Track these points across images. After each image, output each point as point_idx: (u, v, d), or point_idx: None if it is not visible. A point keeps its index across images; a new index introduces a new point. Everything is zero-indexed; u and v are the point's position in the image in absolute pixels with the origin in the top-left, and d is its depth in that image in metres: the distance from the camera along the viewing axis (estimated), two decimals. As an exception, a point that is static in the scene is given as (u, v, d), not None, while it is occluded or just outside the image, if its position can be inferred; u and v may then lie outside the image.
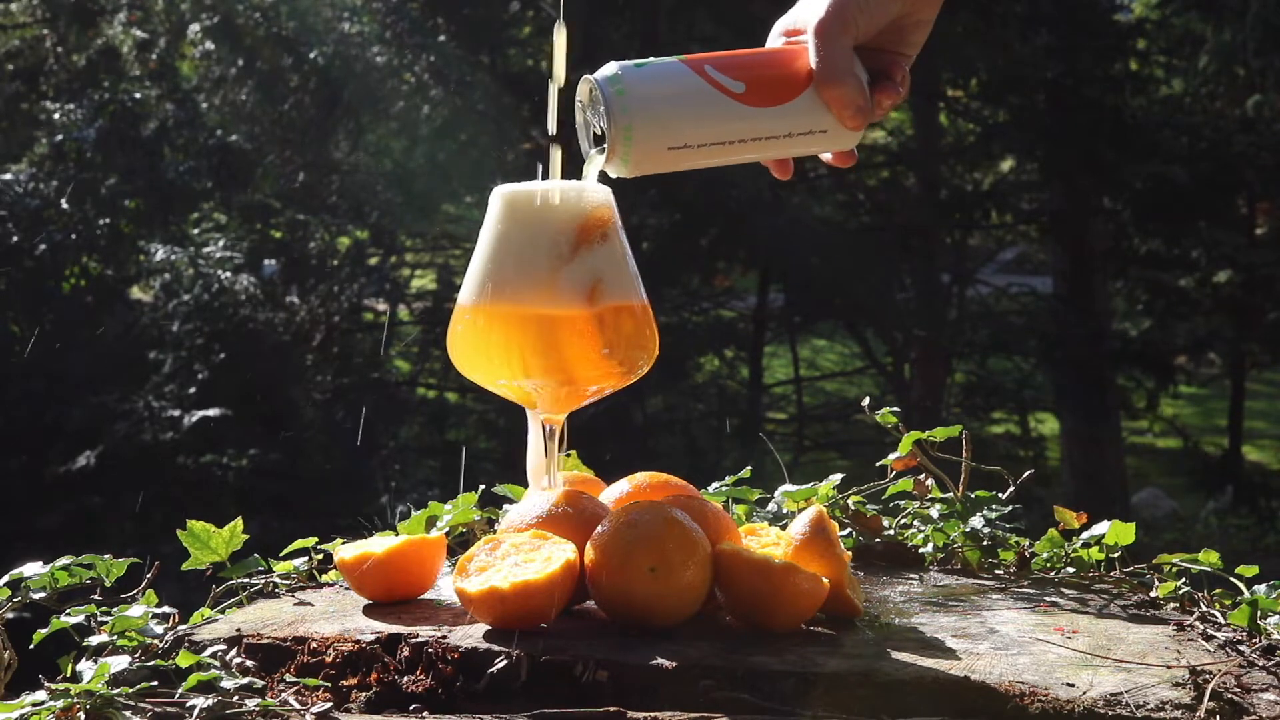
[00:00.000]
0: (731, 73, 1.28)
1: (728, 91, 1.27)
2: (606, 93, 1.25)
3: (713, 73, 1.28)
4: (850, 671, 1.11)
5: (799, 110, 1.29)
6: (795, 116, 1.29)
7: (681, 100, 1.27)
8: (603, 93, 1.25)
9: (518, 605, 1.18)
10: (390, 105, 9.54)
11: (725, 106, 1.27)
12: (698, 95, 1.27)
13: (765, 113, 1.29)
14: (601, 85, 1.26)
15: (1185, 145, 10.03)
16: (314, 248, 9.48)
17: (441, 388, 10.56)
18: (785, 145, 1.31)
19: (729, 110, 1.27)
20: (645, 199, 9.44)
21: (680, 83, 1.27)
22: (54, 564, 1.34)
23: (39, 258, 8.56)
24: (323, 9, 9.66)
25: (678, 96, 1.27)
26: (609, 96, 1.25)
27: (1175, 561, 1.48)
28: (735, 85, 1.27)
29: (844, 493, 1.63)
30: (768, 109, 1.28)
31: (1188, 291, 11.92)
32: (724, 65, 1.29)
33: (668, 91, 1.27)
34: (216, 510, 1.80)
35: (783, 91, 1.29)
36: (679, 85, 1.27)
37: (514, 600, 1.18)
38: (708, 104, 1.27)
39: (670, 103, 1.26)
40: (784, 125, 1.29)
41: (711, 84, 1.27)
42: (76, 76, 9.86)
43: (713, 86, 1.27)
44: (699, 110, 1.27)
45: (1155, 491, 12.59)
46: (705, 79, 1.27)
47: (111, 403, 8.18)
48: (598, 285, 1.33)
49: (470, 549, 1.26)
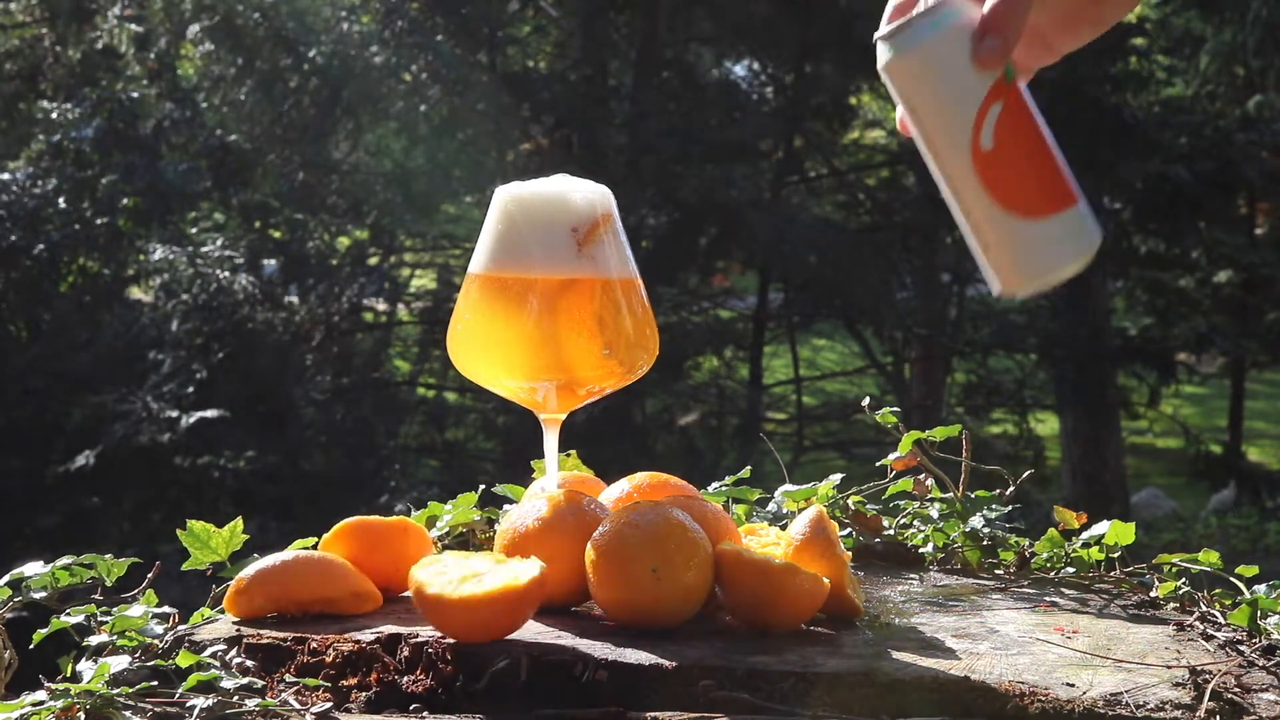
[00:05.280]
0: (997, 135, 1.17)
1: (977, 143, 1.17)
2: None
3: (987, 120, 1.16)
4: (850, 671, 1.11)
5: (1000, 221, 1.17)
6: (994, 221, 1.17)
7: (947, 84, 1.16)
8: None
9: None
10: (390, 105, 9.54)
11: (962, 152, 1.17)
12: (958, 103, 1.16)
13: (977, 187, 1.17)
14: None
15: (1185, 145, 10.04)
16: (313, 247, 9.48)
17: (441, 387, 10.56)
18: (955, 207, 1.19)
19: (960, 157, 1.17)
20: (643, 198, 9.45)
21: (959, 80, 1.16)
22: (54, 564, 1.34)
23: (37, 257, 8.56)
24: (322, 9, 9.66)
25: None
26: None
27: (1175, 561, 1.48)
28: (985, 142, 1.17)
29: (844, 493, 1.63)
30: (985, 192, 1.17)
31: (1188, 291, 11.93)
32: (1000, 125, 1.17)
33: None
34: (216, 510, 1.81)
35: (1014, 193, 1.17)
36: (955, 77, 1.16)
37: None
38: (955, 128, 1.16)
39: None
40: (978, 210, 1.18)
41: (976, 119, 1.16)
42: (74, 75, 9.86)
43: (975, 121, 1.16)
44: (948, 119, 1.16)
45: (1155, 491, 12.60)
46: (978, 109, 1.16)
47: (111, 403, 8.18)
48: (598, 285, 1.33)
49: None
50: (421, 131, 9.69)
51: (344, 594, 1.29)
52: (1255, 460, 13.54)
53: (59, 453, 8.13)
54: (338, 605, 1.28)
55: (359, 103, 9.52)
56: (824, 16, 9.85)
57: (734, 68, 11.94)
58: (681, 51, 11.01)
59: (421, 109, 9.49)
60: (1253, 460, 13.44)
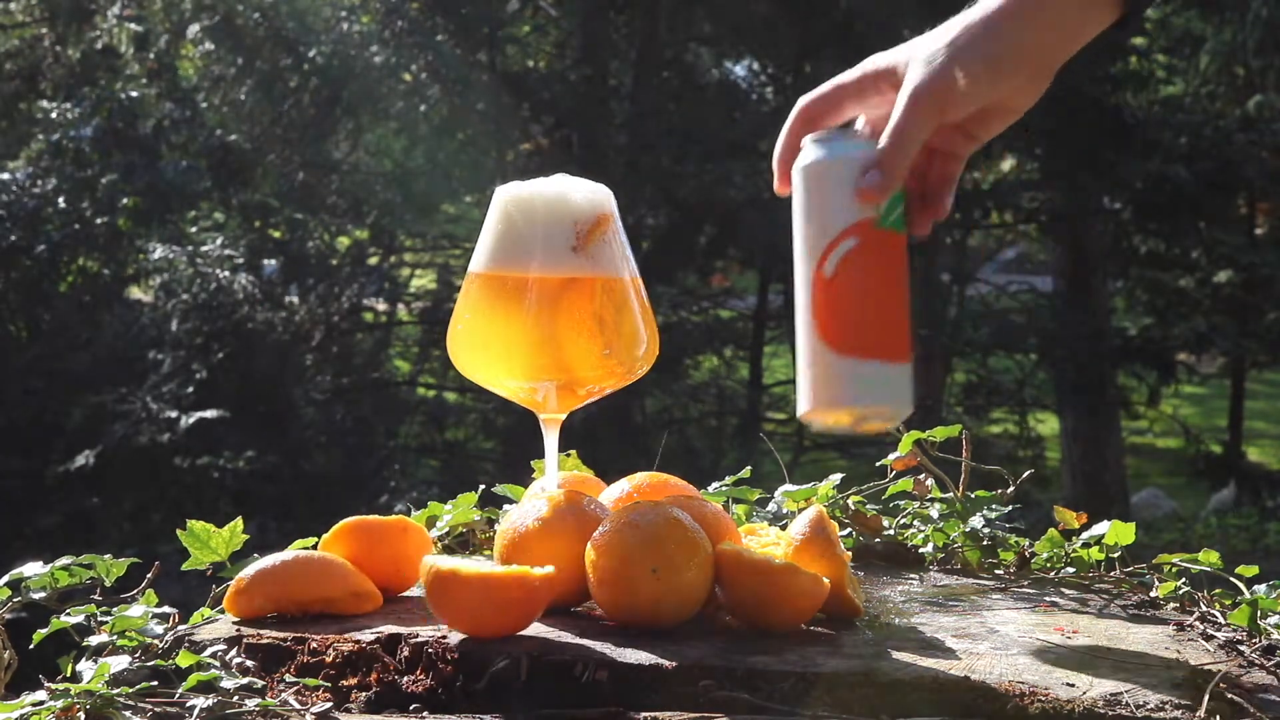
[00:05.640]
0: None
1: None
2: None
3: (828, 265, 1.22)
4: (850, 671, 1.11)
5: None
6: (809, 343, 1.22)
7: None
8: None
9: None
10: (390, 105, 9.55)
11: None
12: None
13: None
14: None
15: (1185, 145, 10.03)
16: (313, 247, 9.48)
17: (441, 387, 10.56)
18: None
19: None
20: (643, 198, 9.45)
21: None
22: (54, 564, 1.34)
23: (37, 257, 8.55)
24: (322, 9, 9.67)
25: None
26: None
27: (1175, 561, 1.48)
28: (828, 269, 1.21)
29: (844, 493, 1.63)
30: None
31: (1188, 291, 11.92)
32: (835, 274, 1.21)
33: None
34: (215, 511, 1.81)
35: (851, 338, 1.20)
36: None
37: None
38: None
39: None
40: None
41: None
42: (74, 75, 9.86)
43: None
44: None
45: (1155, 491, 12.60)
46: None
47: (110, 403, 8.18)
48: (599, 284, 1.33)
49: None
50: (421, 131, 9.70)
51: (344, 594, 1.29)
52: (1255, 460, 13.54)
53: (59, 453, 8.13)
54: (338, 605, 1.28)
55: (359, 103, 9.53)
56: (824, 16, 9.85)
57: (734, 68, 11.94)
58: (681, 51, 11.01)
59: (421, 109, 9.50)
60: (1253, 460, 13.44)
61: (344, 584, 1.30)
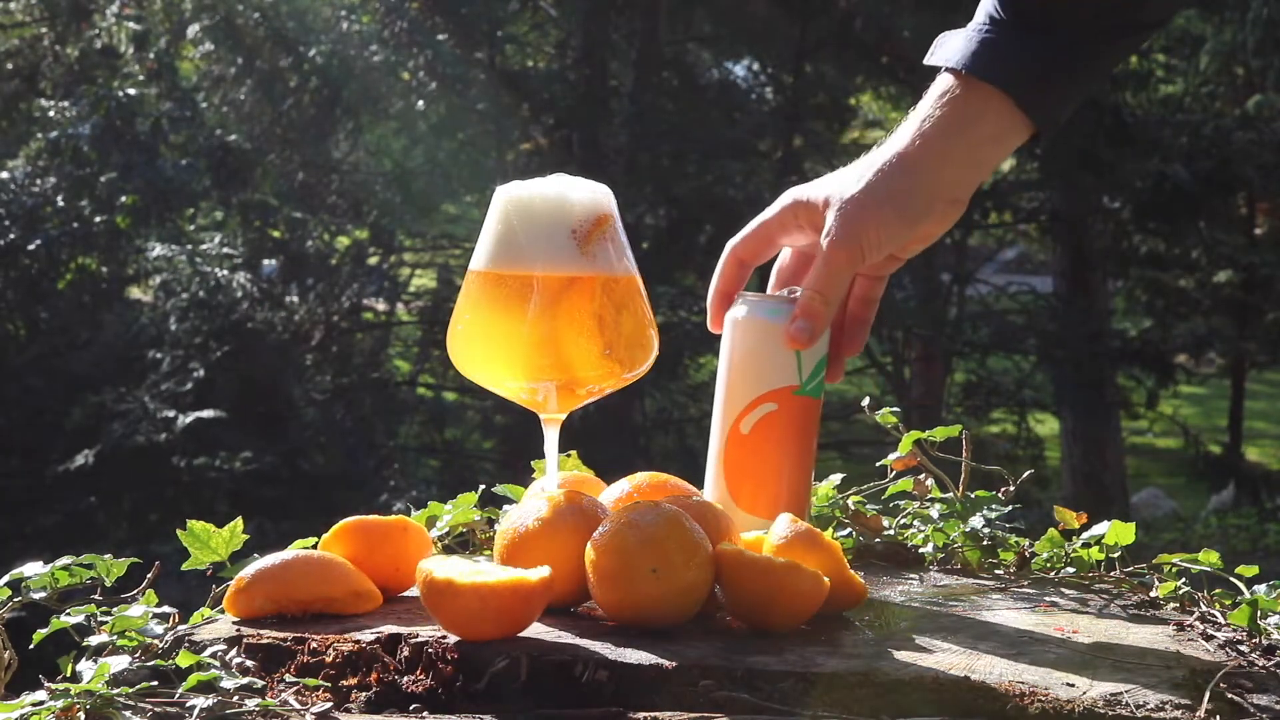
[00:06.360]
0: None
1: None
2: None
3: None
4: (850, 671, 1.11)
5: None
6: (717, 492, 1.42)
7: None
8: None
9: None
10: (389, 104, 9.54)
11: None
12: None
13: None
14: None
15: (1185, 144, 10.03)
16: (313, 247, 9.47)
17: (441, 387, 10.56)
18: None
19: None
20: (643, 198, 9.45)
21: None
22: (54, 564, 1.34)
23: (35, 255, 8.55)
24: (322, 9, 9.67)
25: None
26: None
27: (1175, 561, 1.48)
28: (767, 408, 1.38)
29: (844, 493, 1.63)
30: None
31: (1188, 291, 11.93)
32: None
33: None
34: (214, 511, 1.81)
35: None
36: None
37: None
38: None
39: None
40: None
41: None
42: (73, 73, 9.86)
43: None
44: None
45: (1155, 491, 12.60)
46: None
47: (110, 402, 8.18)
48: (599, 284, 1.33)
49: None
50: (421, 131, 9.70)
51: (344, 593, 1.29)
52: (1255, 460, 13.55)
53: (58, 452, 8.13)
54: (338, 605, 1.28)
55: (359, 102, 9.52)
56: (823, 16, 9.86)
57: (733, 68, 11.95)
58: (681, 51, 11.01)
59: (421, 108, 9.50)
60: (1252, 460, 13.44)
61: (345, 583, 1.29)
